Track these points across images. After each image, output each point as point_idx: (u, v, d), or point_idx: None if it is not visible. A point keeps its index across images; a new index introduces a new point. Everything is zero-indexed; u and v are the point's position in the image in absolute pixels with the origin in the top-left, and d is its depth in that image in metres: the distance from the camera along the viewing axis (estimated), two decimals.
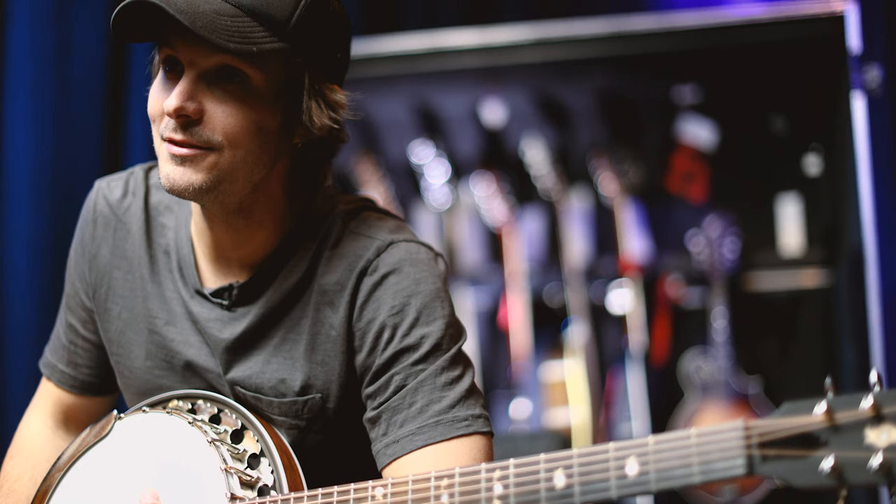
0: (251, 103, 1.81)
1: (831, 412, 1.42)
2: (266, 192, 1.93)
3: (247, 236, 1.96)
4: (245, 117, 1.81)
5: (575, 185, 5.42)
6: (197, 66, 1.81)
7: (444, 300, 1.93)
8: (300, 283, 1.95)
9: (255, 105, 1.82)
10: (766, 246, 5.28)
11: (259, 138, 1.84)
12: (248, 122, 1.82)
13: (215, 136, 1.81)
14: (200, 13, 1.74)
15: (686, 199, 5.34)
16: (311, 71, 1.86)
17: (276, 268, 1.97)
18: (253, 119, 1.82)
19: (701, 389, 5.05)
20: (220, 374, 1.99)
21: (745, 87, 5.30)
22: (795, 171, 5.25)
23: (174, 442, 1.91)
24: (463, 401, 1.88)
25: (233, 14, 1.77)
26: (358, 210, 2.02)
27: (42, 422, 2.26)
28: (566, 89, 5.46)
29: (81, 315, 2.18)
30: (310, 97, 1.87)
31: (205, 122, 1.81)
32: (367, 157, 5.48)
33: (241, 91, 1.81)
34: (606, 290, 5.31)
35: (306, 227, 1.98)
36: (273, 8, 1.79)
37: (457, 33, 5.28)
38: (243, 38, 1.76)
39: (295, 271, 1.96)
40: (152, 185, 2.13)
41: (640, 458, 1.50)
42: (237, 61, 1.79)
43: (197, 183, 1.82)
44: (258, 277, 1.97)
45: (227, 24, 1.75)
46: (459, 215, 5.47)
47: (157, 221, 2.09)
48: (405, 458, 1.85)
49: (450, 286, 2.01)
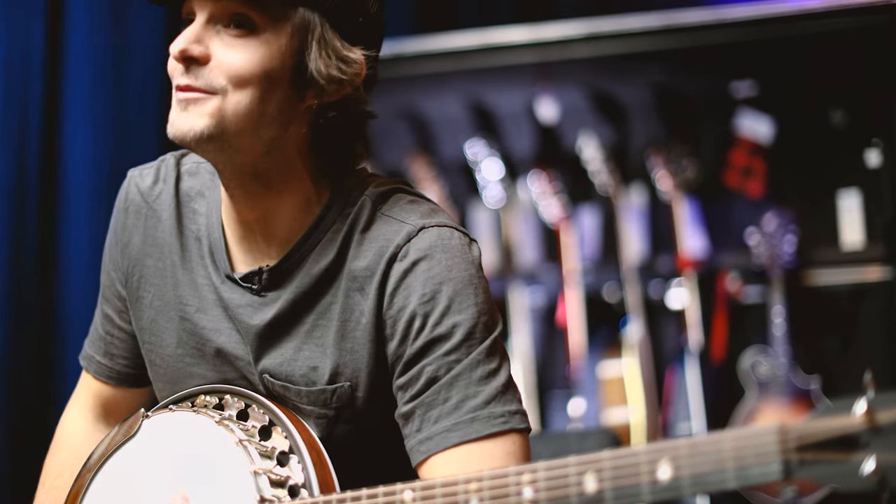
0: (257, 46, 1.79)
1: (872, 412, 1.38)
2: (281, 157, 1.89)
3: (268, 208, 1.92)
4: (249, 60, 1.79)
5: (631, 181, 5.38)
6: (206, 11, 1.81)
7: (477, 287, 1.87)
8: (330, 267, 1.91)
9: (262, 49, 1.80)
10: (825, 241, 5.20)
11: (265, 84, 1.81)
12: (252, 64, 1.79)
13: (219, 80, 1.79)
14: None
15: (744, 195, 5.28)
16: (324, 21, 1.83)
17: (307, 251, 1.92)
18: (257, 62, 1.80)
19: (759, 387, 4.98)
20: (250, 361, 1.96)
21: (803, 80, 5.22)
22: (855, 165, 5.16)
23: (201, 442, 1.90)
24: (500, 396, 1.83)
25: None
26: (390, 192, 1.96)
27: (82, 416, 2.26)
28: (621, 85, 5.42)
29: (117, 305, 2.17)
30: (319, 46, 1.83)
31: (210, 66, 1.79)
32: (421, 155, 5.47)
33: (247, 35, 1.80)
34: (664, 287, 5.27)
35: (337, 209, 1.94)
36: None
37: (510, 30, 5.27)
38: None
39: (325, 255, 1.91)
40: (184, 171, 2.10)
41: (673, 462, 1.46)
42: (243, 6, 1.78)
43: (198, 127, 1.80)
44: (288, 260, 1.93)
45: None
46: (515, 213, 5.45)
47: (188, 207, 2.06)
48: (440, 455, 1.81)
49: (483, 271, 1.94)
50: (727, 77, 5.32)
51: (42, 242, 4.31)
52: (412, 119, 5.61)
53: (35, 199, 4.29)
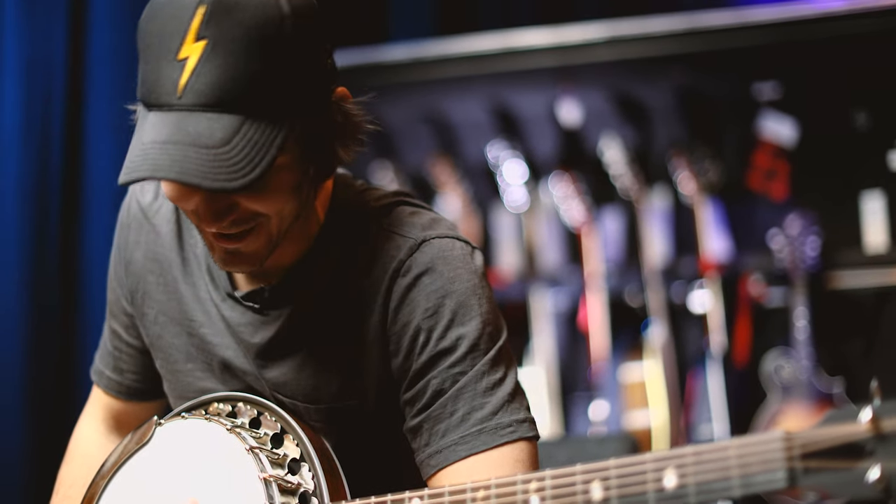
0: (279, 178, 1.72)
1: (877, 420, 1.37)
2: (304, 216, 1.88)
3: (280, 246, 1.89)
4: (278, 192, 1.74)
5: (654, 184, 5.37)
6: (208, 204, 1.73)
7: (480, 297, 1.86)
8: (333, 285, 1.91)
9: (283, 175, 1.73)
10: (849, 244, 5.17)
11: (296, 196, 1.78)
12: (282, 193, 1.75)
13: (257, 218, 1.75)
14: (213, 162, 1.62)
15: (767, 197, 5.26)
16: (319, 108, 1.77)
17: (309, 269, 1.92)
18: (285, 188, 1.75)
19: (782, 391, 4.96)
20: (257, 376, 1.97)
21: (826, 82, 5.20)
22: (879, 167, 5.13)
23: (213, 449, 1.90)
24: (506, 406, 1.83)
25: (237, 127, 1.64)
26: (389, 206, 1.95)
27: (94, 428, 2.27)
28: (643, 87, 5.41)
29: (123, 320, 2.18)
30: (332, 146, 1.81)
31: (242, 213, 1.73)
32: (443, 158, 5.48)
33: (268, 178, 1.70)
34: (686, 290, 5.25)
35: (338, 227, 1.93)
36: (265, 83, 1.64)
37: (532, 33, 5.27)
38: (263, 150, 1.65)
39: (328, 273, 1.91)
40: None
41: (678, 471, 1.46)
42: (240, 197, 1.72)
43: (257, 261, 1.80)
44: (290, 280, 1.92)
45: (241, 153, 1.63)
46: (538, 216, 5.44)
47: (188, 222, 2.05)
48: (449, 468, 1.81)
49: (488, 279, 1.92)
50: (750, 79, 5.30)
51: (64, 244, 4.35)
52: (434, 122, 5.62)
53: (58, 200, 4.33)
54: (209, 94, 1.61)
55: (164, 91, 1.64)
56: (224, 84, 1.61)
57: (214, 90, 1.61)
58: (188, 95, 1.62)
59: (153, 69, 1.65)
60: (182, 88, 1.62)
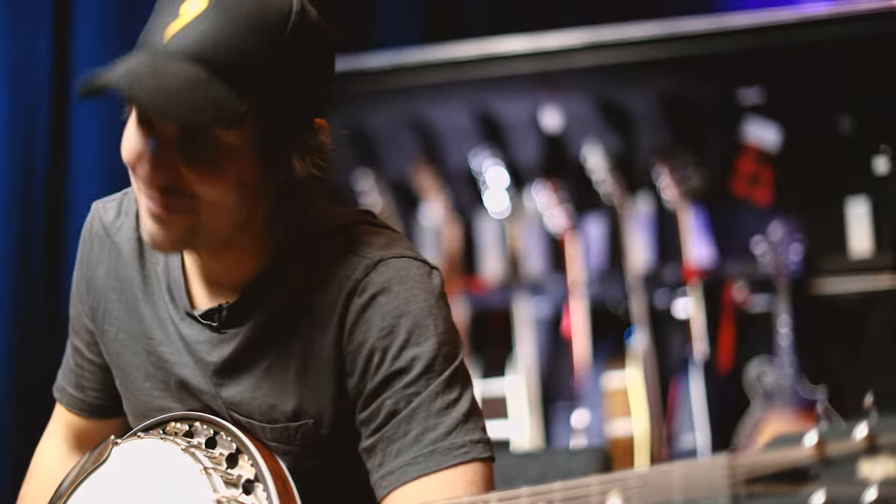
0: (226, 162, 1.73)
1: (822, 444, 1.35)
2: (250, 227, 1.86)
3: (235, 260, 1.90)
4: (221, 177, 1.74)
5: (637, 190, 5.36)
6: (167, 129, 1.75)
7: (437, 317, 1.84)
8: (290, 304, 1.89)
9: (231, 163, 1.74)
10: (834, 249, 5.17)
11: (238, 191, 1.76)
12: (225, 181, 1.74)
13: (192, 200, 1.75)
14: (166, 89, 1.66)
15: (751, 203, 5.25)
16: (291, 122, 1.78)
17: (266, 288, 1.90)
18: (229, 177, 1.74)
19: (766, 398, 4.94)
20: (214, 394, 1.95)
21: (810, 87, 5.19)
22: (864, 172, 5.12)
23: (168, 469, 1.88)
24: (460, 426, 1.80)
25: (203, 79, 1.67)
26: (349, 225, 1.94)
27: (56, 445, 2.27)
28: (625, 93, 5.40)
29: (85, 337, 2.17)
30: (290, 151, 1.79)
31: (180, 186, 1.74)
32: (426, 164, 5.47)
33: (214, 152, 1.73)
34: (669, 296, 5.24)
35: (296, 246, 1.91)
36: (247, 59, 1.69)
37: (515, 39, 5.26)
38: (215, 107, 1.68)
39: (285, 292, 1.89)
40: None
41: (623, 493, 1.44)
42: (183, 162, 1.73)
43: (175, 238, 1.79)
44: (248, 298, 1.91)
45: (194, 96, 1.66)
46: (520, 223, 5.43)
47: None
48: (401, 489, 1.79)
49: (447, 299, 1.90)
50: (733, 84, 5.30)
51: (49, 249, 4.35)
52: (417, 128, 5.61)
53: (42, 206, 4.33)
54: (192, 47, 1.67)
55: (152, 37, 1.70)
56: (209, 41, 1.67)
57: (198, 44, 1.67)
58: (172, 42, 1.68)
59: (154, 18, 1.72)
60: (170, 36, 1.68)
